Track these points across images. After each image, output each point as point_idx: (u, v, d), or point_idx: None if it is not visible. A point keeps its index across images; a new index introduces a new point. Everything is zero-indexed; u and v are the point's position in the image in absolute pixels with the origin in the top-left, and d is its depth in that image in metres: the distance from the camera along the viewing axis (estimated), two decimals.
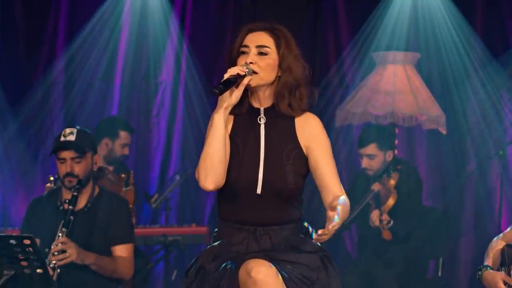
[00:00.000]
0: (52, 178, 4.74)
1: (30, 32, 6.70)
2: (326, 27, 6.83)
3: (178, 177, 6.60)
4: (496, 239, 3.90)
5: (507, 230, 3.90)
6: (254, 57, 3.16)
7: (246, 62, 3.14)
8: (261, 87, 3.19)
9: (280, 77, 3.18)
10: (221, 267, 3.08)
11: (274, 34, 3.19)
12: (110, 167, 5.70)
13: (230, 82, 3.08)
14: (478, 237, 6.53)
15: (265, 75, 3.16)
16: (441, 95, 6.49)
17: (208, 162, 3.11)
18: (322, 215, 5.05)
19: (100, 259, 4.36)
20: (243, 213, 3.17)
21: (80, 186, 4.38)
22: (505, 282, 3.71)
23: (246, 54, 3.17)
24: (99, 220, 4.44)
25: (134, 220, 4.70)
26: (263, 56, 3.16)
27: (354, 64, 6.68)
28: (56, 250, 4.22)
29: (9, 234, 5.13)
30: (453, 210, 6.58)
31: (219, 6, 6.88)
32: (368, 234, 5.67)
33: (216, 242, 3.22)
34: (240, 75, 3.10)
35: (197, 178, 3.14)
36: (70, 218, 4.30)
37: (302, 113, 3.21)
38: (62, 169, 4.40)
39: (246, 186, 3.13)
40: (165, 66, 6.86)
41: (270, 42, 3.18)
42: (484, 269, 3.79)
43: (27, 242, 3.87)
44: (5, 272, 3.94)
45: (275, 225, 3.17)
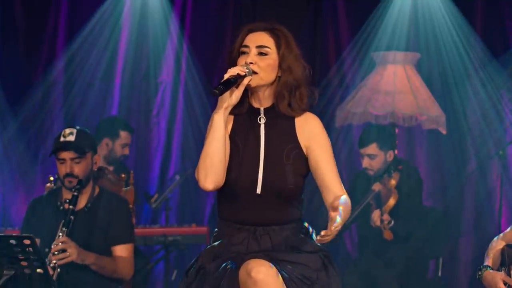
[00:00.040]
0: (52, 178, 4.74)
1: (30, 32, 6.69)
2: (326, 27, 6.82)
3: (178, 177, 6.60)
4: (496, 239, 3.90)
5: (507, 230, 3.90)
6: (254, 57, 3.15)
7: (246, 62, 3.14)
8: (261, 87, 3.19)
9: (280, 77, 3.18)
10: (221, 267, 3.08)
11: (274, 34, 3.19)
12: (110, 167, 5.70)
13: (230, 82, 3.08)
14: (478, 237, 6.53)
15: (265, 75, 3.16)
16: (441, 95, 6.49)
17: (208, 162, 3.11)
18: (323, 215, 5.06)
19: (100, 259, 4.36)
20: (243, 213, 3.16)
21: (80, 186, 4.38)
22: (505, 282, 3.71)
23: (246, 54, 3.17)
24: (99, 220, 4.44)
25: (134, 220, 4.70)
26: (263, 56, 3.16)
27: (354, 64, 6.67)
28: (56, 250, 4.21)
29: (9, 234, 5.12)
30: (453, 210, 6.57)
31: (219, 6, 6.88)
32: (368, 234, 5.67)
33: (216, 242, 3.22)
34: (240, 75, 3.09)
35: (196, 178, 3.14)
36: (71, 217, 4.30)
37: (302, 113, 3.21)
38: (62, 169, 4.40)
39: (246, 186, 3.13)
40: (165, 66, 6.86)
41: (270, 42, 3.17)
42: (484, 269, 3.79)
43: (27, 242, 3.87)
44: (5, 272, 3.94)
45: (275, 225, 3.16)
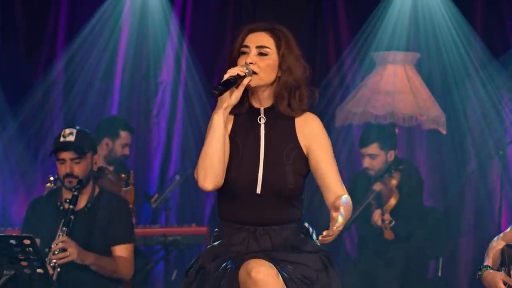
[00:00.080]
0: (52, 178, 4.74)
1: (30, 32, 6.69)
2: (326, 27, 6.82)
3: (178, 177, 6.60)
4: (496, 239, 3.90)
5: (507, 230, 3.90)
6: (254, 57, 3.15)
7: (246, 62, 3.14)
8: (261, 88, 3.19)
9: (280, 77, 3.18)
10: (221, 267, 3.08)
11: (274, 35, 3.19)
12: (110, 167, 5.70)
13: (229, 82, 3.08)
14: (478, 237, 6.53)
15: (264, 76, 3.15)
16: (441, 95, 6.48)
17: (207, 162, 3.11)
18: (323, 215, 5.06)
19: (100, 259, 4.36)
20: (243, 213, 3.16)
21: (80, 186, 4.38)
22: (505, 282, 3.71)
23: (246, 54, 3.17)
24: (99, 220, 4.43)
25: (134, 220, 4.70)
26: (263, 56, 3.16)
27: (354, 64, 6.67)
28: (56, 249, 4.21)
29: (9, 234, 5.12)
30: (453, 210, 6.57)
31: (219, 6, 6.87)
32: (369, 234, 5.66)
33: (216, 242, 3.22)
34: (240, 76, 3.09)
35: (196, 178, 3.14)
36: (71, 217, 4.30)
37: (302, 113, 3.21)
38: (62, 169, 4.40)
39: (246, 186, 3.13)
40: (165, 66, 6.86)
41: (270, 42, 3.17)
42: (484, 269, 3.79)
43: (27, 242, 3.87)
44: (5, 272, 3.94)
45: (275, 225, 3.16)
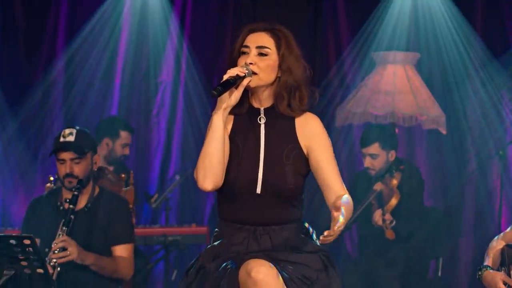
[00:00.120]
0: (52, 178, 4.73)
1: (30, 32, 6.69)
2: (326, 27, 6.82)
3: (178, 177, 6.59)
4: (496, 239, 3.90)
5: (507, 230, 3.90)
6: (254, 57, 3.15)
7: (246, 63, 3.14)
8: (260, 88, 3.18)
9: (280, 77, 3.18)
10: (221, 267, 3.08)
11: (274, 35, 3.18)
12: (111, 167, 5.70)
13: (229, 83, 3.07)
14: (478, 237, 6.53)
15: (264, 76, 3.15)
16: (441, 95, 6.48)
17: (207, 163, 3.11)
18: (323, 216, 5.05)
19: (100, 260, 4.36)
20: (243, 212, 3.16)
21: (80, 186, 4.37)
22: (505, 282, 3.71)
23: (246, 54, 3.17)
24: (99, 220, 4.43)
25: (134, 220, 4.69)
26: (263, 57, 3.15)
27: (354, 64, 6.67)
28: (56, 248, 4.21)
29: (9, 234, 5.12)
30: (453, 210, 6.57)
31: (219, 6, 6.87)
32: (369, 233, 5.66)
33: (216, 242, 3.22)
34: (239, 76, 3.09)
35: (195, 179, 3.14)
36: (71, 217, 4.29)
37: (302, 113, 3.20)
38: (62, 170, 4.40)
39: (246, 185, 3.13)
40: (165, 66, 6.86)
41: (270, 43, 3.17)
42: (484, 269, 3.79)
43: (27, 242, 3.87)
44: (5, 272, 3.94)
45: (275, 225, 3.16)
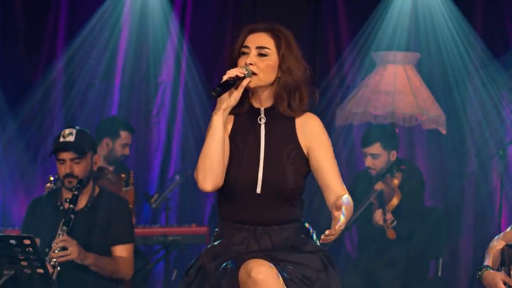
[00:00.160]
0: (52, 178, 4.73)
1: (30, 32, 6.69)
2: (326, 27, 6.82)
3: (178, 177, 6.59)
4: (496, 239, 3.90)
5: (507, 230, 3.90)
6: (254, 58, 3.15)
7: (246, 63, 3.14)
8: (260, 88, 3.18)
9: (280, 78, 3.18)
10: (221, 267, 3.08)
11: (274, 35, 3.18)
12: (111, 167, 5.70)
13: (228, 84, 3.07)
14: (478, 237, 6.52)
15: (264, 77, 3.15)
16: (442, 95, 6.48)
17: (207, 163, 3.11)
18: (324, 216, 5.05)
19: (99, 260, 4.36)
20: (243, 212, 3.16)
21: (80, 186, 4.37)
22: (505, 282, 3.71)
23: (246, 55, 3.17)
24: (99, 220, 4.43)
25: (134, 220, 4.69)
26: (263, 57, 3.15)
27: (354, 64, 6.67)
28: (57, 248, 4.21)
29: (9, 234, 5.12)
30: (453, 210, 6.57)
31: (219, 6, 6.87)
32: (370, 233, 5.66)
33: (216, 242, 3.22)
34: (239, 77, 3.09)
35: (195, 179, 3.14)
36: (71, 216, 4.29)
37: (302, 113, 3.21)
38: (62, 170, 4.40)
39: (246, 185, 3.13)
40: (165, 66, 6.86)
41: (270, 43, 3.17)
42: (484, 269, 3.79)
43: (27, 242, 3.86)
44: (5, 272, 3.94)
45: (275, 224, 3.16)
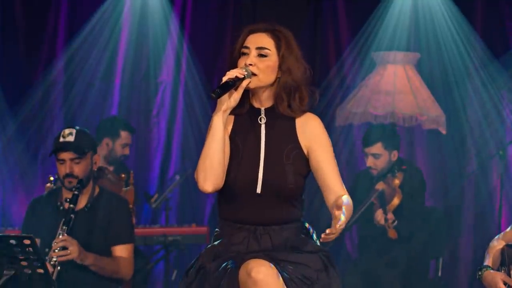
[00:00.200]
0: (52, 178, 4.73)
1: (30, 32, 6.69)
2: (326, 27, 6.82)
3: (178, 177, 6.59)
4: (496, 239, 3.90)
5: (507, 230, 3.90)
6: (254, 58, 3.15)
7: (246, 64, 3.14)
8: (260, 89, 3.18)
9: (280, 78, 3.18)
10: (221, 267, 3.08)
11: (274, 36, 3.18)
12: (111, 167, 5.70)
13: (228, 85, 3.07)
14: (478, 237, 6.52)
15: (264, 77, 3.15)
16: (442, 95, 6.48)
17: (207, 164, 3.11)
18: (324, 216, 5.05)
19: (99, 260, 4.35)
20: (243, 212, 3.16)
21: (80, 186, 4.37)
22: (505, 282, 3.71)
23: (246, 55, 3.16)
24: (99, 220, 4.43)
25: (134, 220, 4.69)
26: (263, 58, 3.15)
27: (354, 64, 6.66)
28: (57, 247, 4.21)
29: (9, 234, 5.12)
30: (453, 210, 6.57)
31: (219, 6, 6.87)
32: (371, 233, 5.65)
33: (216, 242, 3.22)
34: (238, 78, 3.09)
35: (196, 180, 3.14)
36: (71, 216, 4.29)
37: (302, 113, 3.21)
38: (62, 170, 4.40)
39: (246, 185, 3.13)
40: (165, 66, 6.86)
41: (270, 43, 3.17)
42: (484, 269, 3.79)
43: (27, 242, 3.86)
44: (5, 272, 3.93)
45: (275, 224, 3.16)
